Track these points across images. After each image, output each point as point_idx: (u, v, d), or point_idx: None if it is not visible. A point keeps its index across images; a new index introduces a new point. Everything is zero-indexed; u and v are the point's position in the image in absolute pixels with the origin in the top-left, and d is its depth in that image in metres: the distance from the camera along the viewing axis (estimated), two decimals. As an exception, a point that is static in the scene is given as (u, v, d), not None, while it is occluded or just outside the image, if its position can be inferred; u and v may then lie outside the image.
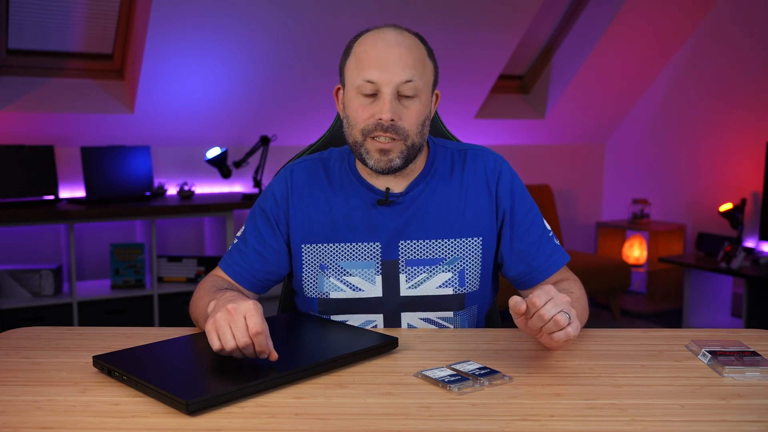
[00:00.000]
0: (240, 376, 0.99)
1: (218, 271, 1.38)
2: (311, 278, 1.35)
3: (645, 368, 1.09)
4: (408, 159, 1.29)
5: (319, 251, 1.34)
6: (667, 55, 4.71)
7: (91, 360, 1.07)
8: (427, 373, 1.02)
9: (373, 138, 1.26)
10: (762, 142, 4.15)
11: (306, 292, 1.36)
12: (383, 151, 1.26)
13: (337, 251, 1.34)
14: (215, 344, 1.03)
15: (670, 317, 4.46)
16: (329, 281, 1.33)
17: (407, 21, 1.50)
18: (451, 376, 1.02)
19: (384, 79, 1.23)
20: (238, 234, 1.40)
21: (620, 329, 1.30)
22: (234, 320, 1.02)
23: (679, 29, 4.54)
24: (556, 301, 1.04)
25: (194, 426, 0.87)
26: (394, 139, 1.26)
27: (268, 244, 1.36)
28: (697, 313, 4.20)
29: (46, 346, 1.19)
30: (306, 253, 1.35)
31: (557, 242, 1.37)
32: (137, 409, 0.92)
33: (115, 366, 1.01)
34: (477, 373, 1.03)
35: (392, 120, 1.24)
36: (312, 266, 1.35)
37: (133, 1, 3.44)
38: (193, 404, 0.89)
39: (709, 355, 1.11)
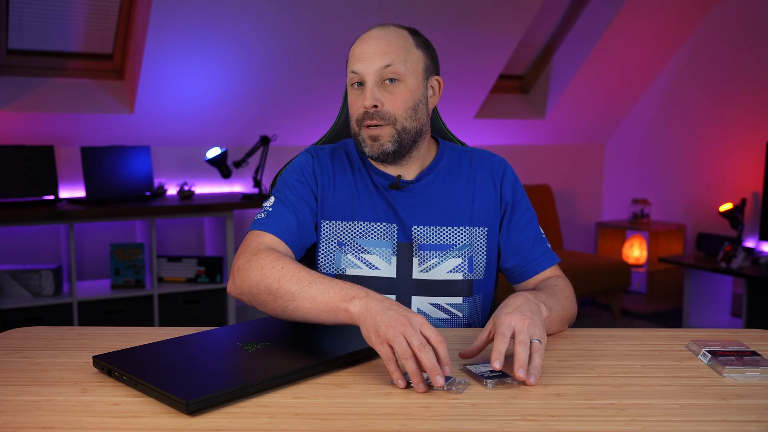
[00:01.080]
0: (240, 376, 0.99)
1: (266, 238, 1.28)
2: (328, 255, 1.38)
3: (645, 368, 1.09)
4: (402, 144, 1.33)
5: (339, 228, 1.38)
6: (666, 55, 4.71)
7: (91, 360, 1.07)
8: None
9: (366, 127, 1.32)
10: (762, 142, 4.16)
11: (321, 269, 1.38)
12: (374, 137, 1.32)
13: (356, 229, 1.37)
14: (388, 354, 1.00)
15: (670, 317, 4.46)
16: (347, 258, 1.37)
17: (407, 21, 1.50)
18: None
19: (364, 68, 1.31)
20: (270, 203, 1.34)
21: (620, 329, 1.30)
22: (408, 330, 1.00)
23: (678, 29, 4.54)
24: (521, 341, 1.04)
25: (194, 426, 0.87)
26: (381, 126, 1.31)
27: (310, 209, 1.36)
28: (697, 313, 4.20)
29: (46, 346, 1.19)
30: (324, 229, 1.38)
31: (549, 246, 1.44)
32: (137, 409, 0.92)
33: (115, 366, 1.01)
34: (486, 375, 1.02)
35: (375, 106, 1.30)
36: (329, 243, 1.38)
37: (133, 1, 3.44)
38: (193, 404, 0.89)
39: (709, 355, 1.11)
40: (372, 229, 1.37)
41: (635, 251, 4.75)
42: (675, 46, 4.65)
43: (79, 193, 3.70)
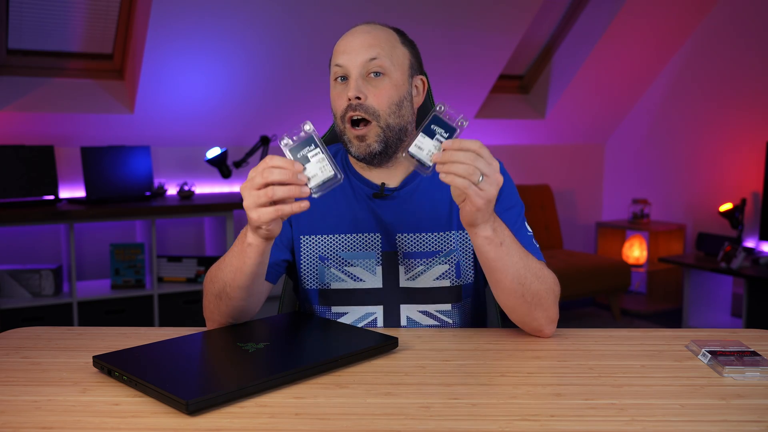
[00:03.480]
0: (240, 376, 0.99)
1: None
2: (310, 270, 1.36)
3: (645, 368, 1.09)
4: (388, 143, 1.31)
5: (319, 242, 1.36)
6: (666, 55, 4.71)
7: (91, 360, 1.07)
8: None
9: (350, 125, 1.30)
10: (762, 142, 4.16)
11: (305, 284, 1.37)
12: (360, 138, 1.30)
13: (338, 242, 1.36)
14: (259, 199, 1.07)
15: (670, 317, 4.46)
16: (330, 272, 1.35)
17: (407, 21, 1.51)
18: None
19: (349, 61, 1.30)
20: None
21: (620, 329, 1.30)
22: (249, 186, 1.08)
23: (678, 29, 4.54)
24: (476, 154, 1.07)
25: (194, 426, 0.87)
26: (368, 122, 1.28)
27: (281, 232, 1.35)
28: (697, 313, 4.20)
29: (46, 346, 1.19)
30: (305, 245, 1.37)
31: (536, 244, 1.35)
32: (137, 409, 0.92)
33: (115, 366, 1.01)
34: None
35: (358, 98, 1.27)
36: (311, 257, 1.36)
37: (133, 1, 3.44)
38: (193, 404, 0.89)
39: (709, 355, 1.11)
40: (354, 241, 1.35)
41: (635, 251, 4.75)
42: (675, 46, 4.65)
43: (79, 193, 3.70)
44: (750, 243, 4.26)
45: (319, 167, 1.08)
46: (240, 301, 1.22)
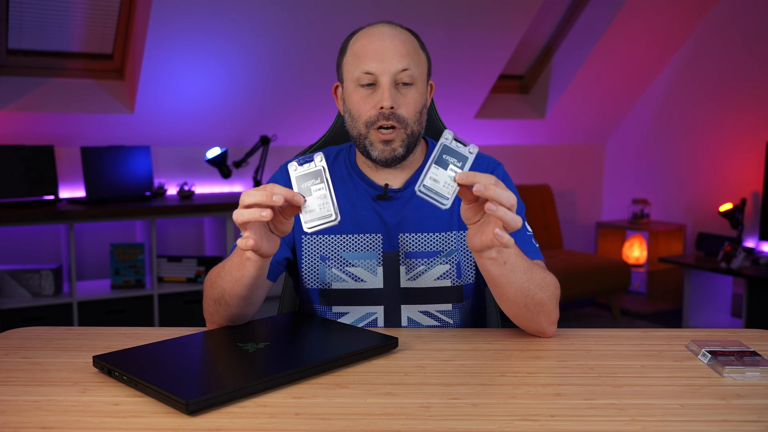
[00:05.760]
0: (240, 376, 0.99)
1: None
2: (311, 269, 1.36)
3: (645, 368, 1.09)
4: (409, 148, 1.32)
5: (320, 242, 1.36)
6: (666, 55, 4.71)
7: (91, 360, 1.07)
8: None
9: (377, 129, 1.29)
10: (762, 142, 4.16)
11: (306, 284, 1.37)
12: (386, 142, 1.30)
13: (339, 242, 1.36)
14: (241, 208, 1.05)
15: (670, 317, 4.46)
16: (331, 272, 1.35)
17: (407, 21, 1.50)
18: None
19: (381, 68, 1.27)
20: None
21: (620, 329, 1.30)
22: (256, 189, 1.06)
23: (679, 29, 4.54)
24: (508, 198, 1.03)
25: (194, 426, 0.87)
26: (395, 128, 1.29)
27: None
28: (697, 313, 4.20)
29: (46, 346, 1.19)
30: (306, 244, 1.37)
31: (535, 243, 1.35)
32: (137, 409, 0.92)
33: (115, 366, 1.01)
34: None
35: (392, 108, 1.27)
36: (312, 257, 1.36)
37: (133, 1, 3.44)
38: (193, 404, 0.89)
39: (709, 355, 1.11)
40: (355, 241, 1.35)
41: (635, 251, 4.75)
42: (675, 46, 4.65)
43: (79, 193, 3.70)
44: (750, 243, 4.26)
45: (318, 203, 1.05)
46: (238, 308, 1.22)
